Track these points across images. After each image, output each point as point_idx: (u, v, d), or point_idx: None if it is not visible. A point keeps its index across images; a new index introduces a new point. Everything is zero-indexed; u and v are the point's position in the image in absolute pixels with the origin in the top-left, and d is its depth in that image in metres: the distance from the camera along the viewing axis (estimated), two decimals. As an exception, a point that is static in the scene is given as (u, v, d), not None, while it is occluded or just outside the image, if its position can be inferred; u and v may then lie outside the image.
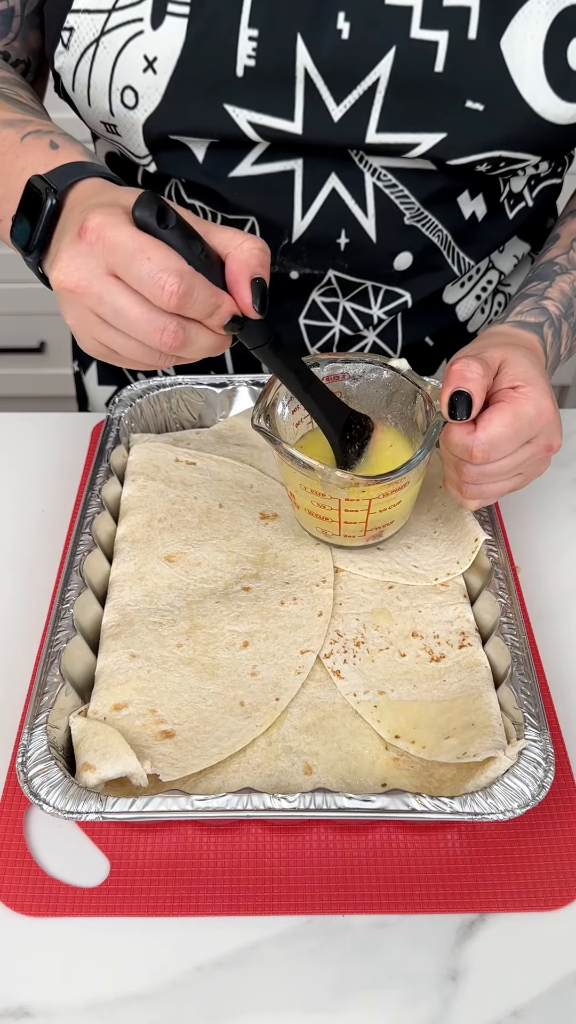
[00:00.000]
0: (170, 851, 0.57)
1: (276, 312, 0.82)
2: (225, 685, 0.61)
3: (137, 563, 0.68)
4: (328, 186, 0.74)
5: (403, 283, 0.81)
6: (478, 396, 0.59)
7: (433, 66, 0.66)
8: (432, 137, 0.69)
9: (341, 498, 0.63)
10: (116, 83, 0.69)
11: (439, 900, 0.55)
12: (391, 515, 0.66)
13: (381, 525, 0.67)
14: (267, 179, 0.74)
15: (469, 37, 0.65)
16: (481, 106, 0.67)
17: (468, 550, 0.69)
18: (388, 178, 0.73)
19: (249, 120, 0.69)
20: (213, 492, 0.74)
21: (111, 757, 0.55)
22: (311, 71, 0.67)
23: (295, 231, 0.76)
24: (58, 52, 0.71)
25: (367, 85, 0.67)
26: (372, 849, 0.57)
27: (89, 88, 0.71)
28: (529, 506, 0.80)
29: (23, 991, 0.52)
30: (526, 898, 0.55)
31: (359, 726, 0.60)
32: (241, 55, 0.66)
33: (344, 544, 0.68)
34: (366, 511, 0.64)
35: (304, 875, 0.56)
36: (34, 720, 0.56)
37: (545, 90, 0.67)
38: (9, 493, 0.81)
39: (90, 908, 0.54)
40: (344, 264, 0.78)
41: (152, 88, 0.68)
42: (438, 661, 0.63)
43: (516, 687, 0.59)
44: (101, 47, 0.68)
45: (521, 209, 0.81)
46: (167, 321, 0.51)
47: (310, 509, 0.66)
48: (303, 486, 0.64)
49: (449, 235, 0.78)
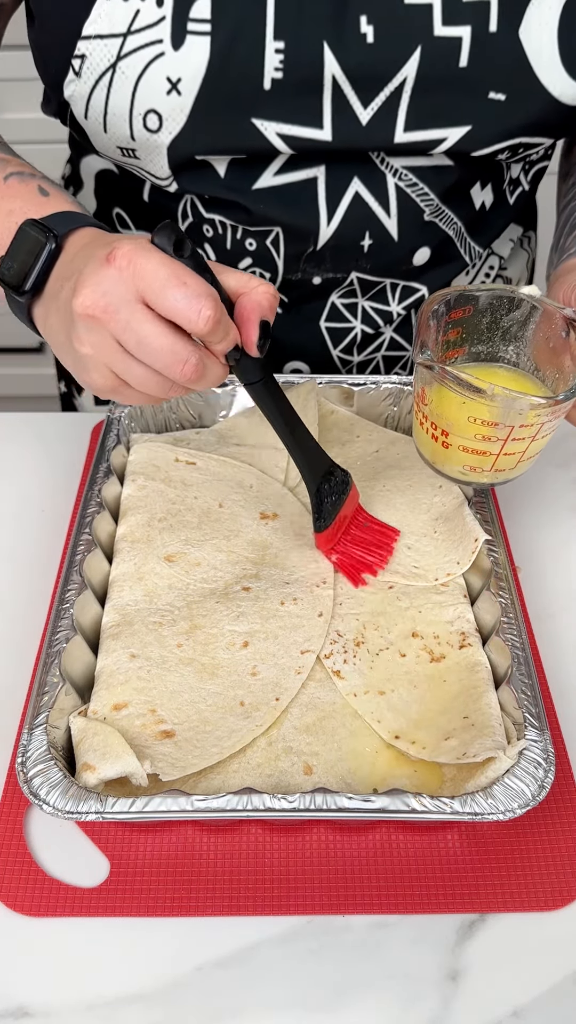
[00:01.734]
0: (170, 851, 0.57)
1: (296, 316, 0.83)
2: (225, 685, 0.61)
3: (137, 563, 0.68)
4: (351, 190, 0.74)
5: (420, 277, 0.82)
6: None
7: (458, 61, 0.66)
8: (458, 131, 0.69)
9: (516, 424, 0.59)
10: (137, 108, 0.68)
11: (439, 900, 0.55)
12: (542, 444, 0.63)
13: (534, 455, 0.63)
14: (290, 188, 0.74)
15: (491, 30, 0.66)
16: (503, 96, 0.68)
17: (468, 550, 0.69)
18: (409, 177, 0.74)
19: (278, 132, 0.69)
20: (213, 492, 0.74)
21: (111, 757, 0.54)
22: (339, 77, 0.66)
23: (321, 238, 0.76)
24: (68, 80, 0.69)
25: (394, 86, 0.67)
26: (372, 849, 0.57)
27: (106, 115, 0.69)
28: (529, 506, 0.80)
29: (23, 991, 0.52)
30: (526, 898, 0.55)
31: (359, 726, 0.60)
32: (268, 68, 0.66)
33: (483, 481, 0.65)
34: (531, 439, 0.61)
35: (304, 875, 0.56)
36: (34, 720, 0.56)
37: (561, 74, 0.68)
38: (9, 493, 0.81)
39: (90, 908, 0.54)
40: (367, 265, 0.79)
41: (177, 110, 0.67)
42: (438, 661, 0.63)
43: (516, 687, 0.59)
44: (119, 72, 0.67)
45: (520, 194, 0.82)
46: (190, 353, 0.52)
47: (467, 444, 0.61)
48: (470, 417, 0.60)
49: (463, 226, 0.80)
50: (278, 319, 0.83)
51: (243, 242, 0.78)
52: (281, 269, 0.79)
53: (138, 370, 0.54)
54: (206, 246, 0.80)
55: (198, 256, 0.52)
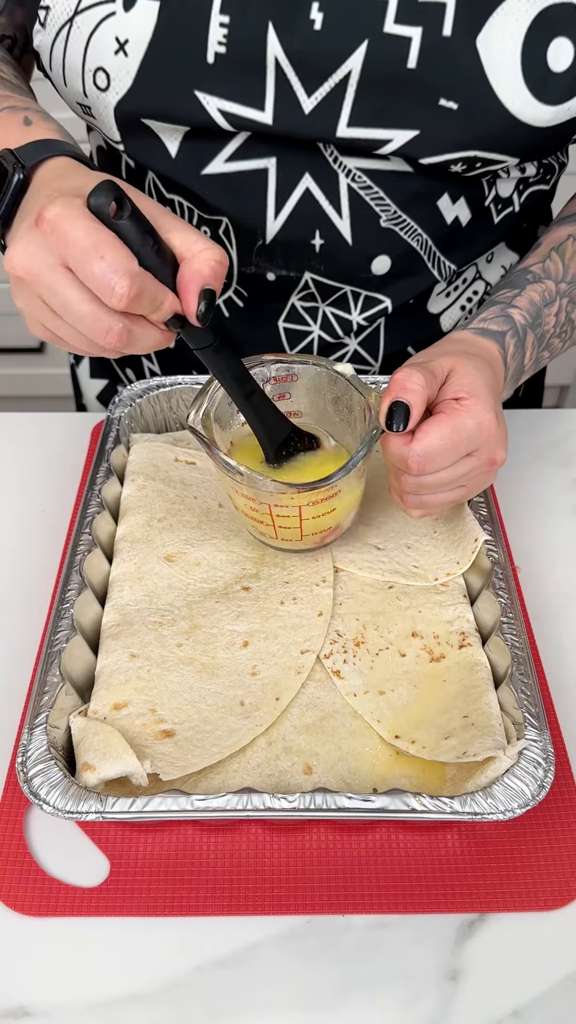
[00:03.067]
0: (170, 851, 0.57)
1: (256, 314, 0.82)
2: (225, 685, 0.61)
3: (137, 563, 0.68)
4: (302, 186, 0.73)
5: (382, 288, 0.80)
6: (416, 407, 0.59)
7: (406, 62, 0.65)
8: (404, 134, 0.68)
9: (270, 503, 0.62)
10: (89, 64, 0.68)
11: (439, 900, 0.55)
12: (327, 521, 0.65)
13: (320, 531, 0.65)
14: (240, 177, 0.73)
15: (444, 34, 0.64)
16: (455, 104, 0.66)
17: (468, 550, 0.69)
18: (363, 179, 0.72)
19: (219, 108, 0.68)
20: (213, 492, 0.74)
21: (111, 757, 0.55)
22: (282, 61, 0.66)
23: (268, 232, 0.75)
24: (36, 30, 0.70)
25: (338, 78, 0.66)
26: (372, 849, 0.57)
27: (64, 68, 0.70)
28: (529, 506, 0.80)
29: (23, 991, 0.52)
30: (526, 898, 0.55)
31: (359, 726, 0.60)
32: (212, 41, 0.66)
33: (284, 548, 0.68)
34: (299, 517, 0.63)
35: (304, 875, 0.56)
36: (34, 720, 0.56)
37: (521, 91, 0.65)
38: (9, 493, 0.81)
39: (90, 908, 0.54)
40: (320, 267, 0.77)
41: (123, 71, 0.68)
42: (438, 661, 0.63)
43: (516, 687, 0.59)
44: (75, 27, 0.67)
45: (508, 214, 0.80)
46: (113, 322, 0.52)
47: (245, 512, 0.65)
48: (235, 490, 0.63)
49: (430, 240, 0.77)
50: (237, 314, 0.82)
51: (199, 229, 0.77)
52: (235, 261, 0.78)
53: (67, 331, 0.54)
54: None
55: (138, 217, 0.51)
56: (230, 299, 0.82)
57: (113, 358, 0.59)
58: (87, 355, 0.56)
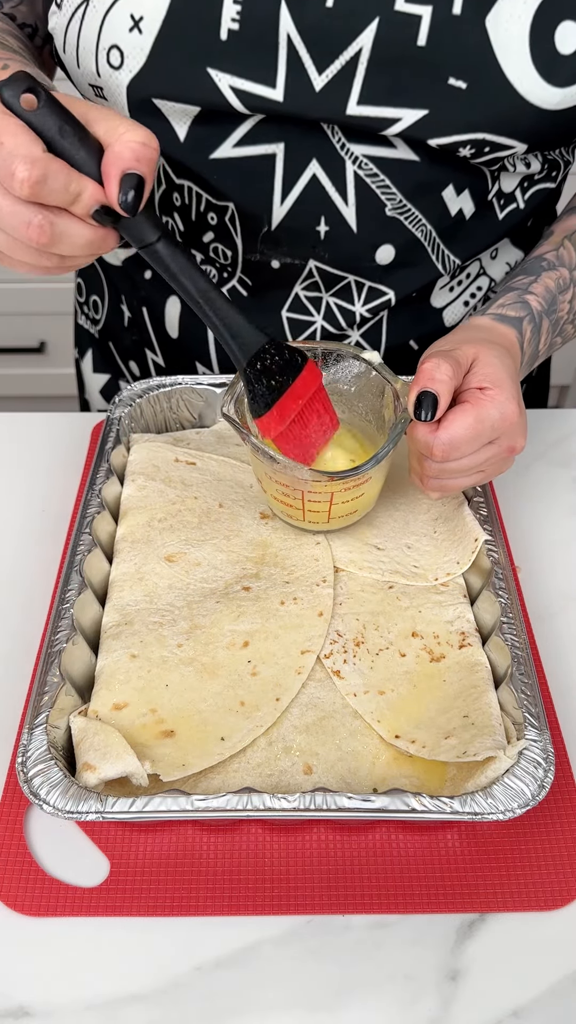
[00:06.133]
0: (170, 851, 0.57)
1: (259, 302, 0.82)
2: (225, 685, 0.61)
3: (137, 563, 0.68)
4: (309, 172, 0.73)
5: (385, 279, 0.80)
6: (444, 397, 0.60)
7: (416, 40, 0.65)
8: (414, 113, 0.68)
9: (304, 490, 0.64)
10: (103, 42, 0.69)
11: (439, 900, 0.55)
12: (354, 506, 0.67)
13: (347, 514, 0.68)
14: (248, 162, 0.73)
15: (453, 13, 0.65)
16: (464, 84, 0.66)
17: (468, 550, 0.69)
18: (369, 167, 0.73)
19: (231, 85, 0.68)
20: (213, 492, 0.74)
21: (111, 757, 0.55)
22: (294, 38, 0.66)
23: (274, 218, 0.76)
24: (51, 12, 0.71)
25: (349, 55, 0.66)
26: (372, 849, 0.57)
27: (78, 48, 0.71)
28: (529, 506, 0.80)
29: (23, 991, 0.52)
30: (526, 898, 0.55)
31: (359, 726, 0.60)
32: (225, 19, 0.66)
33: (308, 528, 0.70)
34: (328, 503, 0.66)
35: (304, 875, 0.56)
36: (34, 720, 0.56)
37: (530, 72, 0.66)
38: (9, 493, 0.81)
39: (90, 908, 0.54)
40: (324, 254, 0.78)
41: (137, 48, 0.68)
42: (438, 661, 0.63)
43: (516, 687, 0.59)
44: (91, 6, 0.68)
45: (512, 211, 0.80)
46: (31, 214, 0.50)
47: (275, 495, 0.68)
48: (268, 475, 0.66)
49: (433, 230, 0.78)
50: (242, 303, 0.82)
51: (206, 215, 0.78)
52: (240, 248, 0.79)
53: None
54: (175, 215, 0.80)
55: (54, 107, 0.50)
56: (234, 288, 0.82)
57: (56, 272, 0.58)
58: (26, 269, 0.55)
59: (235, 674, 0.62)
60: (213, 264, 0.82)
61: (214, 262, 0.81)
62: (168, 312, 0.88)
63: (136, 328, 0.93)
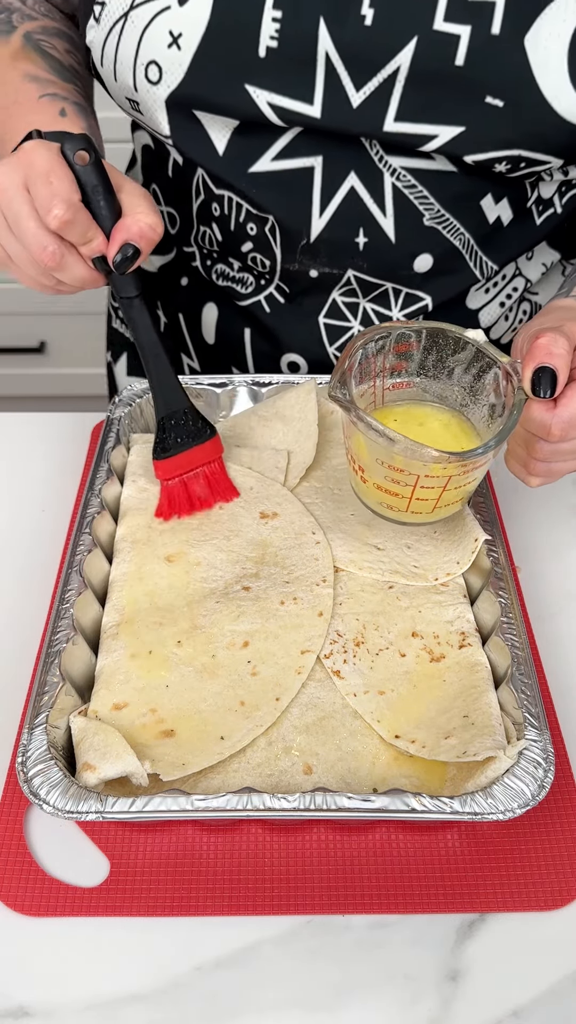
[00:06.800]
0: (170, 851, 0.57)
1: (297, 309, 0.83)
2: (225, 685, 0.61)
3: (137, 563, 0.68)
4: (347, 185, 0.74)
5: (424, 286, 0.81)
6: (563, 372, 0.58)
7: (454, 59, 0.66)
8: (450, 130, 0.69)
9: (421, 474, 0.60)
10: (141, 58, 0.70)
11: (439, 900, 0.55)
12: (461, 494, 0.63)
13: (454, 502, 0.64)
14: (286, 175, 0.74)
15: (492, 32, 0.65)
16: (501, 102, 0.67)
17: (468, 550, 0.69)
18: (407, 178, 0.73)
19: (269, 101, 0.69)
20: (213, 492, 0.74)
21: (111, 757, 0.55)
22: (332, 55, 0.67)
23: (313, 230, 0.76)
24: (90, 26, 0.72)
25: (387, 73, 0.67)
26: (372, 849, 0.57)
27: (116, 63, 0.72)
28: (529, 506, 0.80)
29: (23, 991, 0.52)
30: (526, 898, 0.55)
31: (359, 726, 0.60)
32: (264, 36, 0.67)
33: (403, 520, 0.66)
34: (442, 488, 0.61)
35: (304, 875, 0.56)
36: (34, 720, 0.56)
37: (568, 90, 0.66)
38: (9, 493, 0.81)
39: (90, 908, 0.54)
40: (363, 264, 0.79)
41: (176, 64, 0.69)
42: (438, 661, 0.63)
43: (516, 687, 0.59)
44: (129, 21, 0.69)
45: (550, 215, 0.80)
46: (49, 242, 0.61)
47: (380, 484, 0.63)
48: (378, 459, 0.61)
49: (471, 238, 0.78)
50: (278, 310, 0.83)
51: (245, 226, 0.79)
52: (279, 258, 0.79)
53: (15, 247, 0.62)
54: (213, 225, 0.81)
55: (99, 170, 0.62)
56: (271, 295, 0.83)
57: (48, 292, 0.68)
58: (32, 284, 0.65)
59: (235, 674, 0.62)
60: (251, 272, 0.83)
61: (252, 270, 0.82)
62: (205, 318, 0.89)
63: (172, 333, 0.94)
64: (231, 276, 0.84)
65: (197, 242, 0.85)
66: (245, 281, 0.83)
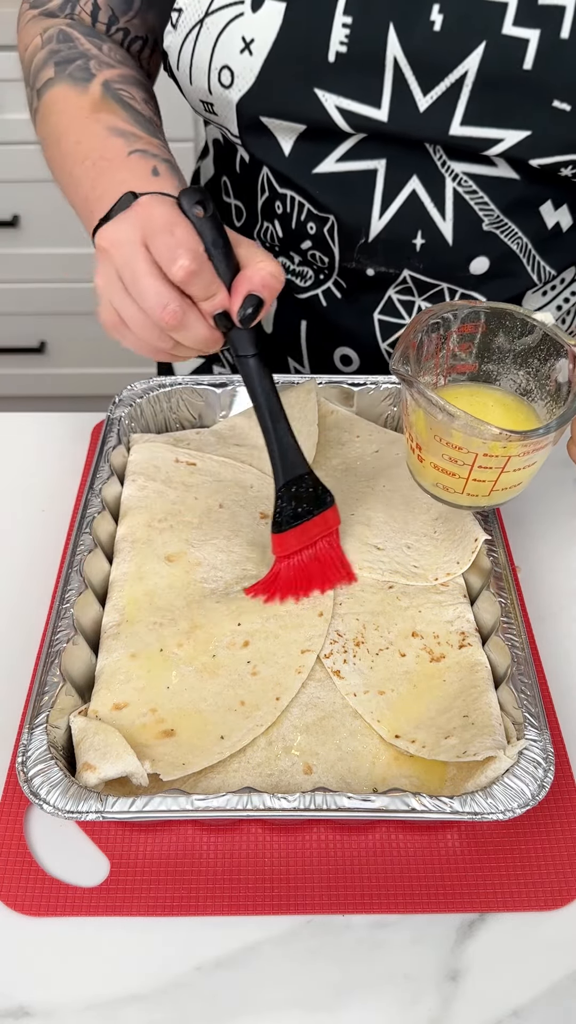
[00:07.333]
0: (170, 851, 0.57)
1: (353, 304, 0.84)
2: (225, 684, 0.61)
3: (137, 563, 0.68)
4: (408, 188, 0.75)
5: (479, 287, 0.81)
6: None
7: (522, 64, 0.66)
8: (516, 134, 0.69)
9: (479, 452, 0.59)
10: (215, 63, 0.72)
11: (439, 900, 0.55)
12: (520, 477, 0.62)
13: (512, 486, 0.63)
14: (349, 177, 0.75)
15: (562, 36, 0.65)
16: (568, 106, 0.67)
17: (468, 550, 0.69)
18: (468, 184, 0.74)
19: (337, 105, 0.70)
20: (213, 492, 0.74)
21: (111, 757, 0.55)
22: (400, 60, 0.68)
23: (372, 230, 0.77)
24: (167, 32, 0.74)
25: (455, 78, 0.68)
26: (372, 849, 0.57)
27: (191, 67, 0.73)
28: (529, 506, 0.80)
29: (23, 991, 0.52)
30: (526, 898, 0.55)
31: (359, 726, 0.60)
32: (334, 41, 0.68)
33: (459, 503, 0.64)
34: (500, 469, 0.60)
35: (304, 875, 0.56)
36: (34, 720, 0.56)
37: None
38: (9, 493, 0.81)
39: (90, 908, 0.54)
40: (419, 264, 0.79)
41: (247, 69, 0.71)
42: (438, 661, 0.63)
43: (516, 687, 0.59)
44: (204, 28, 0.71)
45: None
46: (171, 299, 0.56)
47: (437, 463, 0.61)
48: (437, 436, 0.60)
49: (529, 243, 0.79)
50: (335, 304, 0.85)
51: (305, 224, 0.80)
52: (337, 256, 0.81)
53: (131, 309, 0.58)
54: (275, 222, 0.82)
55: (216, 222, 0.58)
56: (329, 290, 0.84)
57: (164, 359, 0.63)
58: (144, 351, 0.61)
59: (235, 674, 0.62)
60: (311, 267, 0.84)
61: (311, 265, 0.83)
62: None
63: None
64: (291, 270, 0.86)
65: (260, 236, 0.86)
66: (304, 275, 0.85)
